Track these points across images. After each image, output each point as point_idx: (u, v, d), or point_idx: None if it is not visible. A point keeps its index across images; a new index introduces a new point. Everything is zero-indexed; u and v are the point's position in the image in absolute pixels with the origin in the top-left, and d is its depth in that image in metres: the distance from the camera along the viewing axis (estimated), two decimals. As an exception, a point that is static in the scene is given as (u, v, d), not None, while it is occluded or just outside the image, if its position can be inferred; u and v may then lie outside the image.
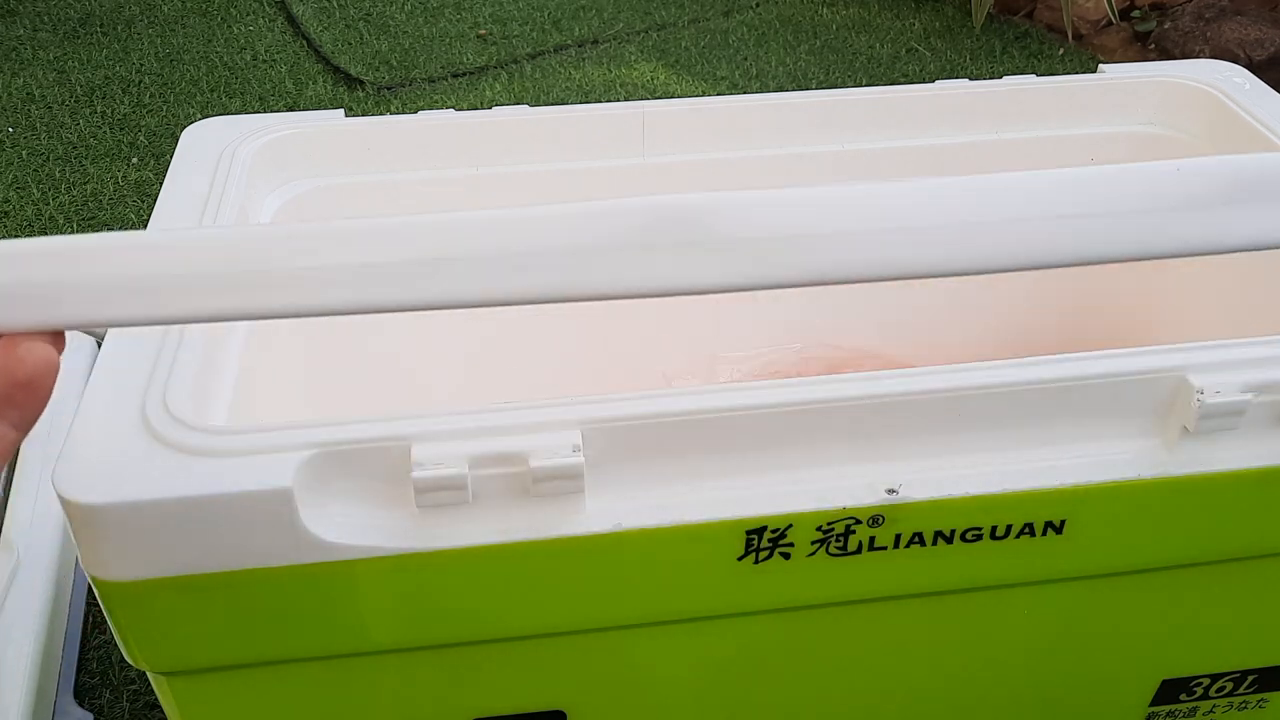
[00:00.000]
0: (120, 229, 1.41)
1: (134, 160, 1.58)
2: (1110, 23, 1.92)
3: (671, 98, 1.15)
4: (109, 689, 0.91)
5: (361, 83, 1.80)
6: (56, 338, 0.37)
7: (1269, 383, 0.49)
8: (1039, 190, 0.38)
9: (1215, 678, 0.61)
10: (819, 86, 1.78)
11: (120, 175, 1.54)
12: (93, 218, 1.44)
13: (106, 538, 0.43)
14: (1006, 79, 0.76)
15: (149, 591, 0.44)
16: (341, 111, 0.71)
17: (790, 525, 0.47)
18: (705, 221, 0.39)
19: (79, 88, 1.74)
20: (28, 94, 1.73)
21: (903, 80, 1.80)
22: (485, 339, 0.79)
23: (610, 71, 1.84)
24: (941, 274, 0.38)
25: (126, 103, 1.72)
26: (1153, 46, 1.88)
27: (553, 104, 1.15)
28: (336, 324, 0.75)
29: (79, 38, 1.92)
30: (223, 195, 0.62)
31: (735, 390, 0.48)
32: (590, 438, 0.46)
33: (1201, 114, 0.75)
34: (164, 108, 1.72)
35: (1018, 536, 0.50)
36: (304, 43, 1.92)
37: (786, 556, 0.48)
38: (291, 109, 1.72)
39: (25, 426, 0.37)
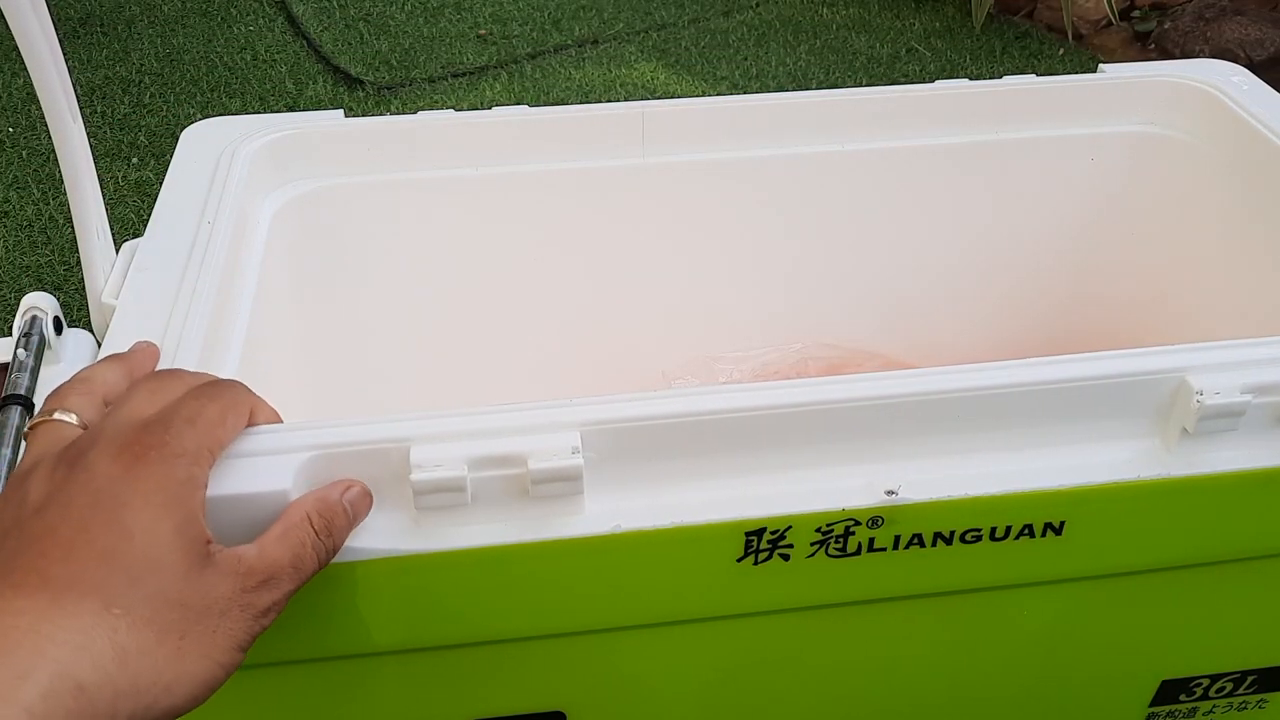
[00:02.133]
0: (120, 229, 1.42)
1: (134, 160, 1.58)
2: (1110, 23, 1.92)
3: (671, 98, 1.15)
4: (109, 689, 0.91)
5: (361, 83, 1.80)
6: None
7: (1269, 384, 0.49)
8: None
9: (1215, 678, 0.61)
10: (819, 86, 1.78)
11: (120, 175, 1.54)
12: (93, 218, 1.44)
13: (105, 539, 0.43)
14: (1006, 79, 0.76)
15: (148, 593, 0.44)
16: (341, 111, 0.71)
17: (789, 526, 0.47)
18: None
19: (79, 88, 1.74)
20: (28, 94, 1.73)
21: (903, 80, 1.80)
22: (484, 340, 0.79)
23: (610, 71, 1.84)
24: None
25: (126, 103, 1.73)
26: (1153, 46, 1.88)
27: (553, 104, 1.15)
28: (335, 326, 0.75)
29: (79, 38, 1.92)
30: (223, 195, 0.62)
31: (734, 391, 0.47)
32: (589, 439, 0.46)
33: (1201, 114, 0.75)
34: (164, 108, 1.72)
35: (1017, 538, 0.50)
36: (304, 43, 1.92)
37: (786, 558, 0.48)
38: (291, 109, 1.72)
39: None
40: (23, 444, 0.72)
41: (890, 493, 0.48)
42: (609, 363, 0.82)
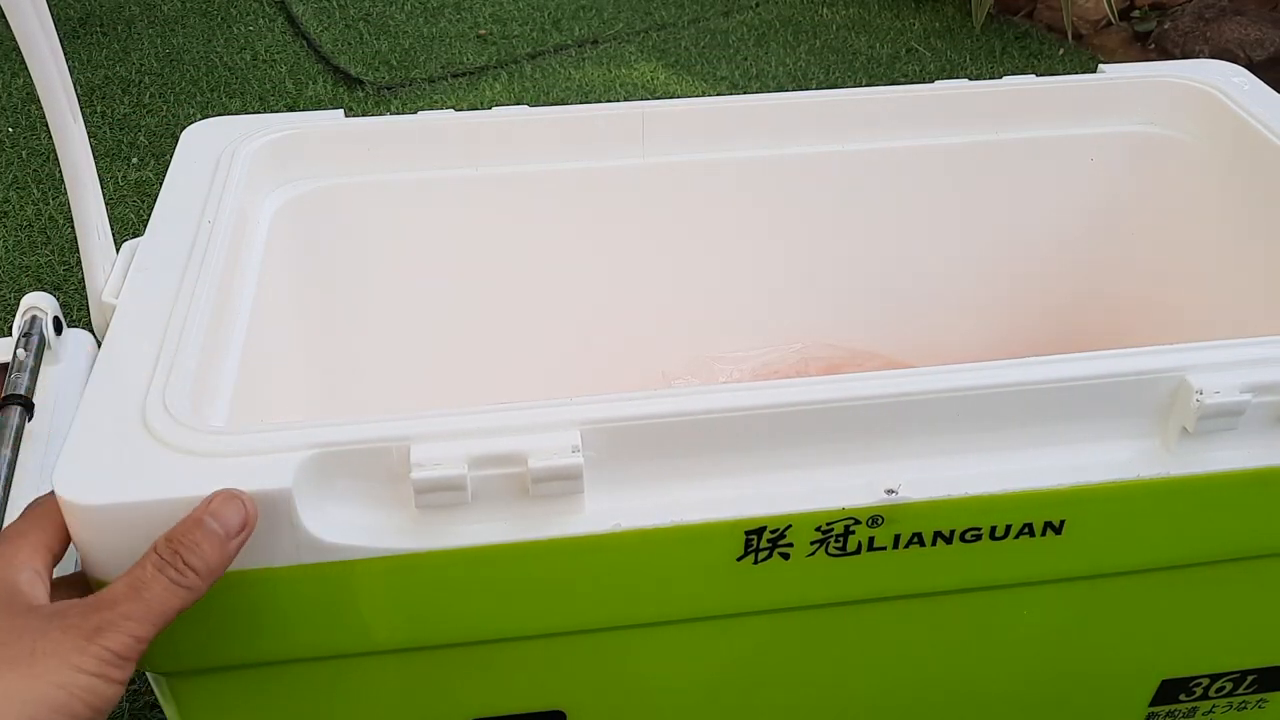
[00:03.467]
0: (120, 229, 1.42)
1: (134, 160, 1.58)
2: (1110, 23, 1.92)
3: (671, 98, 1.15)
4: (109, 689, 0.91)
5: (361, 83, 1.79)
6: None
7: (1268, 383, 0.49)
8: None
9: (1215, 678, 0.61)
10: (819, 86, 1.78)
11: (120, 175, 1.54)
12: (93, 218, 1.43)
13: (106, 539, 0.43)
14: (1006, 79, 0.76)
15: (148, 592, 0.44)
16: (341, 111, 0.71)
17: (789, 525, 0.47)
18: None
19: (79, 88, 1.73)
20: (28, 94, 1.73)
21: (903, 80, 1.80)
22: (484, 339, 0.79)
23: (610, 71, 1.84)
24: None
25: (126, 103, 1.72)
26: (1153, 46, 1.88)
27: (553, 104, 1.15)
28: (335, 325, 0.75)
29: (79, 38, 1.92)
30: (222, 195, 0.62)
31: (735, 390, 0.48)
32: (589, 438, 0.46)
33: (1201, 114, 0.75)
34: (164, 108, 1.72)
35: (1017, 537, 0.50)
36: (304, 43, 1.92)
37: (786, 557, 0.48)
38: (291, 109, 1.72)
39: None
40: (22, 444, 0.72)
41: (890, 492, 0.48)
42: (609, 363, 0.82)
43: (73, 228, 0.59)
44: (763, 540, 0.48)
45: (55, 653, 0.38)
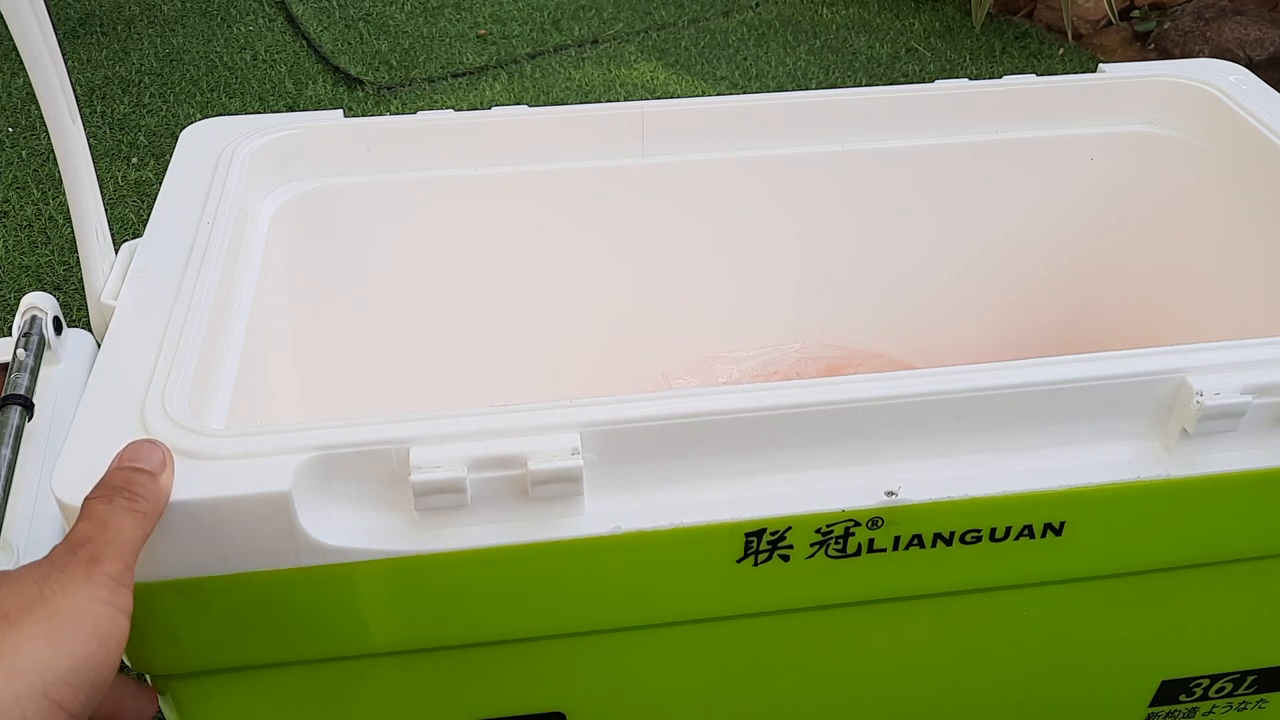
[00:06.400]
0: (120, 229, 1.41)
1: (134, 160, 1.58)
2: (1110, 23, 1.92)
3: (671, 98, 1.15)
4: (109, 690, 0.91)
5: (361, 83, 1.79)
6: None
7: (1269, 384, 0.49)
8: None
9: (1215, 678, 0.61)
10: (819, 86, 1.78)
11: (120, 175, 1.54)
12: (92, 218, 1.43)
13: (105, 540, 0.43)
14: (1006, 79, 0.76)
15: (148, 595, 0.44)
16: (341, 111, 0.71)
17: (789, 527, 0.47)
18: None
19: (79, 88, 1.74)
20: (28, 94, 1.73)
21: (903, 80, 1.80)
22: (484, 340, 0.79)
23: (610, 71, 1.84)
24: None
25: (126, 103, 1.72)
26: (1153, 46, 1.88)
27: (553, 104, 1.15)
28: (335, 326, 0.75)
29: (79, 38, 1.92)
30: (222, 195, 0.62)
31: (734, 392, 0.47)
32: (589, 440, 0.46)
33: (1201, 114, 0.75)
34: (164, 108, 1.72)
35: (1017, 538, 0.50)
36: (304, 43, 1.92)
37: (785, 559, 0.48)
38: (291, 109, 1.72)
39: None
40: (22, 444, 0.72)
41: (890, 493, 0.48)
42: (609, 363, 0.82)
43: (73, 228, 0.59)
44: (763, 542, 0.48)
45: (65, 590, 0.38)
